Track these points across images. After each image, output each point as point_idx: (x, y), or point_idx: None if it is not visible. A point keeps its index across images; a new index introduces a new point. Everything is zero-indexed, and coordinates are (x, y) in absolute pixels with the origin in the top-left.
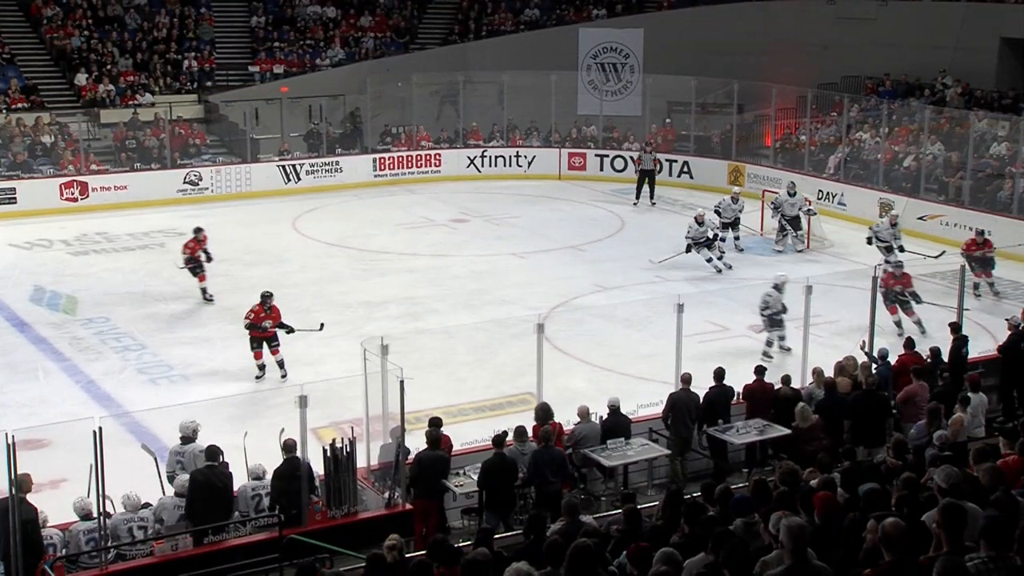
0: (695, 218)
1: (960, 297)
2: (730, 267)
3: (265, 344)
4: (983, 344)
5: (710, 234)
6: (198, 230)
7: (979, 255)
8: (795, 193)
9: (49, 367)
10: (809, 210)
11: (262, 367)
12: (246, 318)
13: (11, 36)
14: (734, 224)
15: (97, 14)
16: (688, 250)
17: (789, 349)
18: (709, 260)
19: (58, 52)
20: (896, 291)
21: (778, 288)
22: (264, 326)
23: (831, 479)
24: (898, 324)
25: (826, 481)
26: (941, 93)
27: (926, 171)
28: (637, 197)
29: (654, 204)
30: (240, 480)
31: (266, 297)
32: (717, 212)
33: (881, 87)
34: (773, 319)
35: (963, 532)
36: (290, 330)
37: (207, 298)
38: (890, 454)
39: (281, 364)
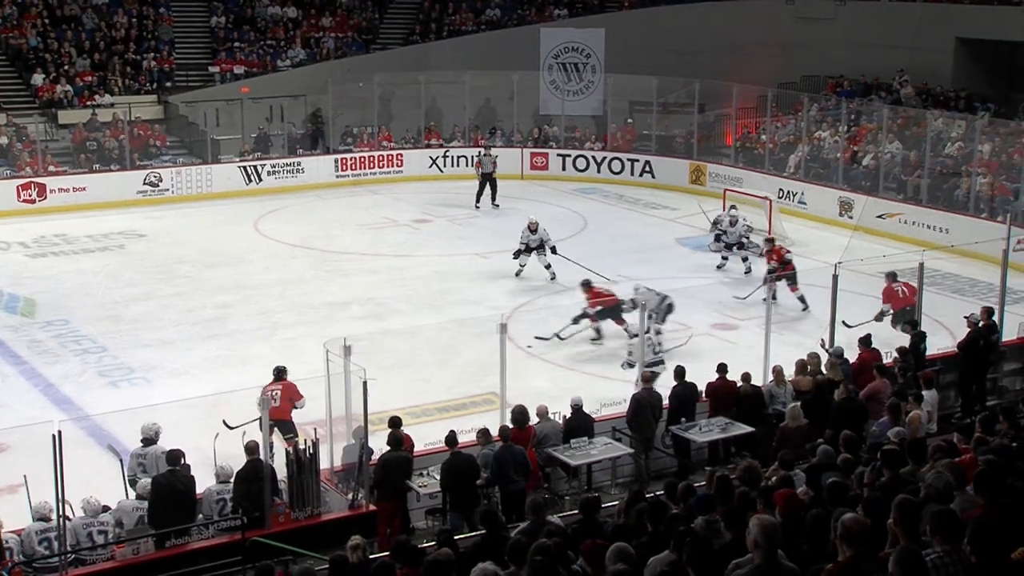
0: (728, 219)
1: (919, 294)
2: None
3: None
4: (941, 341)
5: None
6: None
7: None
8: (736, 221)
9: (7, 370)
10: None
11: None
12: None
13: None
14: (739, 246)
15: (54, 13)
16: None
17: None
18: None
19: (14, 52)
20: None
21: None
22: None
23: (791, 476)
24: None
25: (786, 478)
26: (899, 93)
27: (885, 170)
28: (478, 201)
29: (496, 206)
30: (205, 482)
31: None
32: (719, 234)
33: (840, 88)
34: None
35: (919, 527)
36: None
37: None
38: (842, 449)
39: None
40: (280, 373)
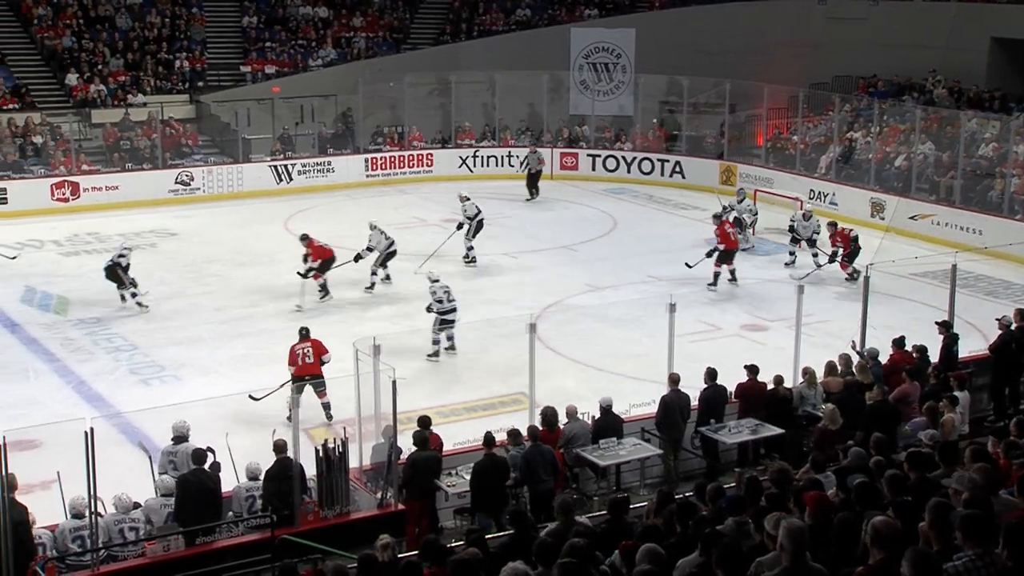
0: (803, 214)
1: (951, 296)
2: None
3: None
4: (974, 343)
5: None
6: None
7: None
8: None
9: (40, 368)
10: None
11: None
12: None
13: (2, 36)
14: (810, 242)
15: (88, 14)
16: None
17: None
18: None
19: (49, 52)
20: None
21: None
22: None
23: (821, 479)
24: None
25: (815, 480)
26: (931, 93)
27: (917, 170)
28: (532, 195)
29: (527, 200)
30: (232, 481)
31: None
32: (791, 229)
33: (872, 89)
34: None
35: (952, 531)
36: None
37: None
38: (873, 451)
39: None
40: (306, 332)
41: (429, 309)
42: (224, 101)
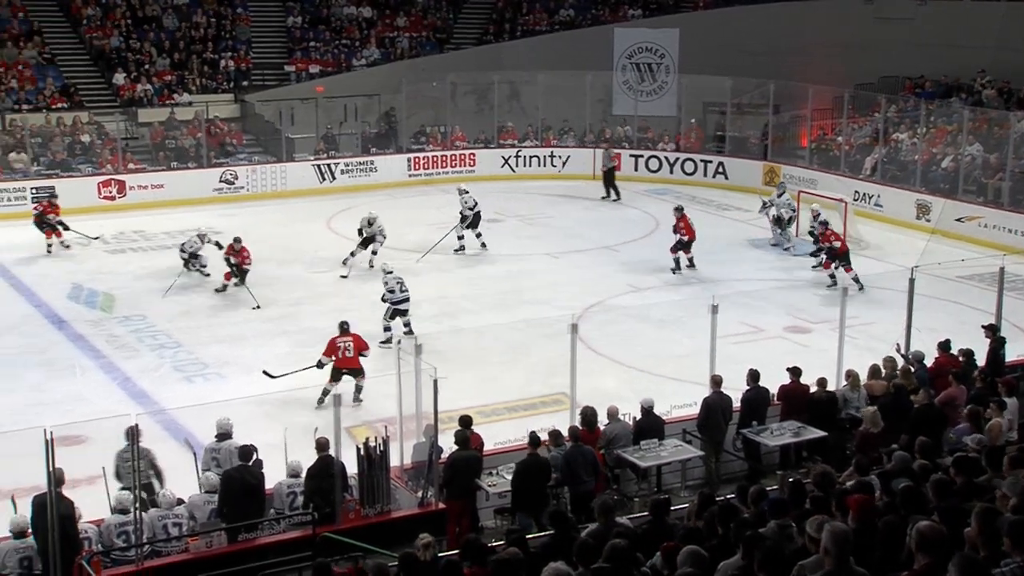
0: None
1: (999, 299)
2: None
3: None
4: (1021, 347)
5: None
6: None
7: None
8: (784, 194)
9: (86, 364)
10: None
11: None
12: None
13: (52, 36)
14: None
15: (136, 14)
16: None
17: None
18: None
19: (97, 52)
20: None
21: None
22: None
23: (866, 482)
24: None
25: (861, 484)
26: (980, 94)
27: (965, 172)
28: (614, 195)
29: (603, 198)
30: (275, 478)
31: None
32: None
33: (919, 89)
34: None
35: (999, 537)
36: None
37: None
38: (918, 455)
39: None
40: (347, 327)
41: (383, 299)
42: (268, 100)
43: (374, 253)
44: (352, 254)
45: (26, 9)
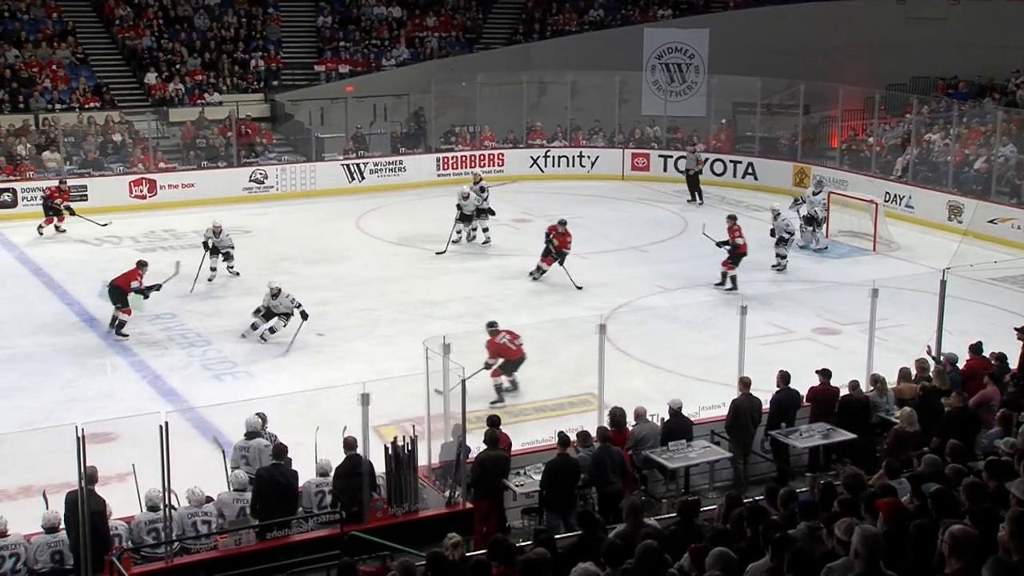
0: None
1: None
2: None
3: None
4: None
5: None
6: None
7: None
8: (820, 192)
9: (117, 362)
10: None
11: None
12: None
13: (85, 36)
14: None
15: (168, 14)
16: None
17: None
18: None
19: (129, 52)
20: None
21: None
22: None
23: (895, 485)
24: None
25: (889, 486)
26: (1014, 94)
27: (998, 173)
28: (699, 200)
29: (691, 201)
30: (304, 476)
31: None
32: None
33: (952, 90)
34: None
35: None
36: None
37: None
38: (949, 459)
39: None
40: (495, 325)
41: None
42: (298, 100)
43: (485, 230)
44: (458, 232)
45: (60, 10)
